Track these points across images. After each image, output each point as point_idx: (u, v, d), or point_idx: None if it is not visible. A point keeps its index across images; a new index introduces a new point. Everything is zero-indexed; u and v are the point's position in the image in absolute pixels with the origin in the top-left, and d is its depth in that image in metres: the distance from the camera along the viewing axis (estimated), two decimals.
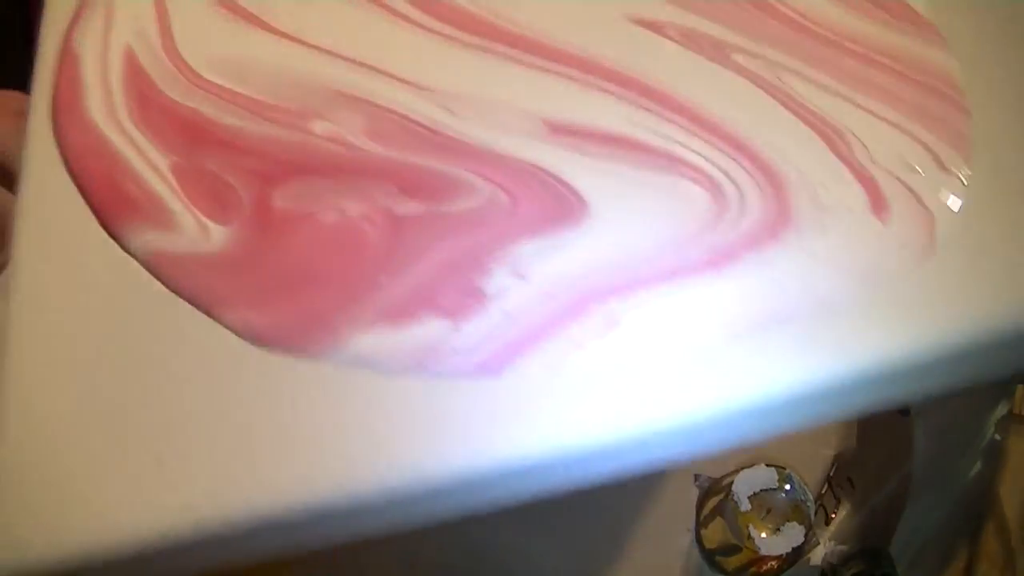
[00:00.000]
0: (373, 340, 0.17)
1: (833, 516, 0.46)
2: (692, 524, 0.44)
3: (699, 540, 0.44)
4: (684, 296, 0.17)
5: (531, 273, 0.18)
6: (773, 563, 0.43)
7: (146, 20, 0.23)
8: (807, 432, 0.45)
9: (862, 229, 0.18)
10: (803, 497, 0.41)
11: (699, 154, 0.20)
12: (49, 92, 0.22)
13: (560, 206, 0.19)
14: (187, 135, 0.21)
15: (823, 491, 0.46)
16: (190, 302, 0.19)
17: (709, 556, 0.44)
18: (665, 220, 0.19)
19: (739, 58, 0.21)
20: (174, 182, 0.20)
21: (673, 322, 0.17)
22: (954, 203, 0.18)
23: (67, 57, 0.23)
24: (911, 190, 0.19)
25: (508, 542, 0.45)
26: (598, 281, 0.18)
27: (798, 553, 0.42)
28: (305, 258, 0.19)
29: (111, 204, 0.20)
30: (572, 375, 0.16)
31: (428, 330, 0.18)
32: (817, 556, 0.45)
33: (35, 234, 0.20)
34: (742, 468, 0.43)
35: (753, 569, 0.43)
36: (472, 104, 0.21)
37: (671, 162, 0.20)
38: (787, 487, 0.41)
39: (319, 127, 0.21)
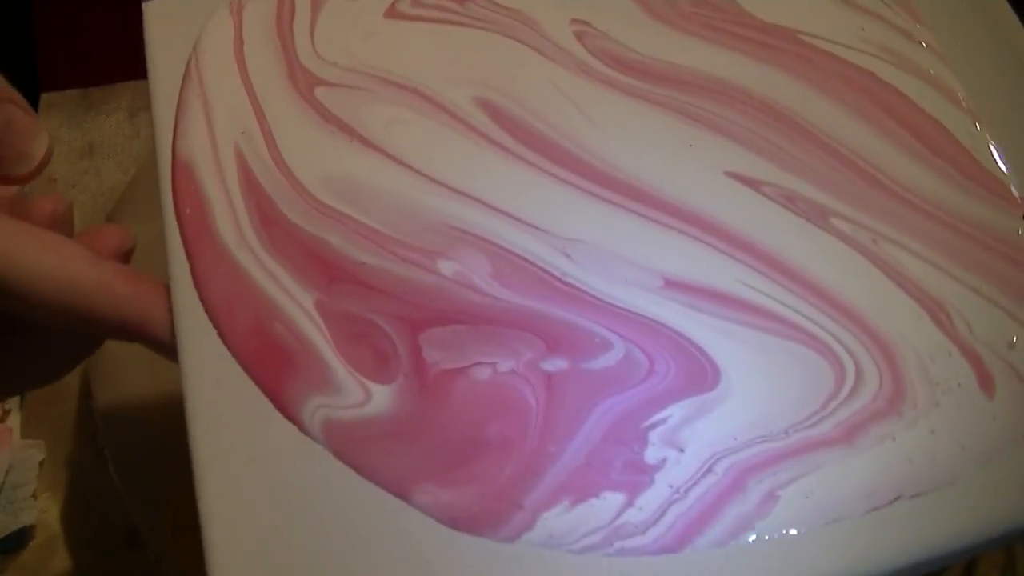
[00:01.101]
0: (558, 518, 0.18)
1: None
2: None
3: None
4: (826, 471, 0.19)
5: (684, 444, 0.19)
6: None
7: (246, 118, 0.23)
8: None
9: (972, 404, 0.19)
10: None
11: (814, 322, 0.20)
12: (172, 210, 0.22)
13: (695, 369, 0.20)
14: (323, 270, 0.21)
15: None
16: (375, 482, 0.19)
17: None
18: (793, 391, 0.20)
19: (839, 224, 0.22)
20: (323, 325, 0.21)
21: (821, 497, 0.18)
22: None
23: (180, 166, 0.22)
24: (1012, 366, 0.20)
25: None
26: (749, 456, 0.19)
27: None
28: (473, 422, 0.19)
29: (270, 362, 0.20)
30: (742, 550, 0.18)
31: (607, 505, 0.19)
32: None
33: (208, 420, 0.21)
34: None
35: None
36: (589, 252, 0.21)
37: (789, 328, 0.20)
38: None
39: (446, 268, 0.21)
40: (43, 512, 0.47)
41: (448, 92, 0.23)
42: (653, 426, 0.19)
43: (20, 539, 0.47)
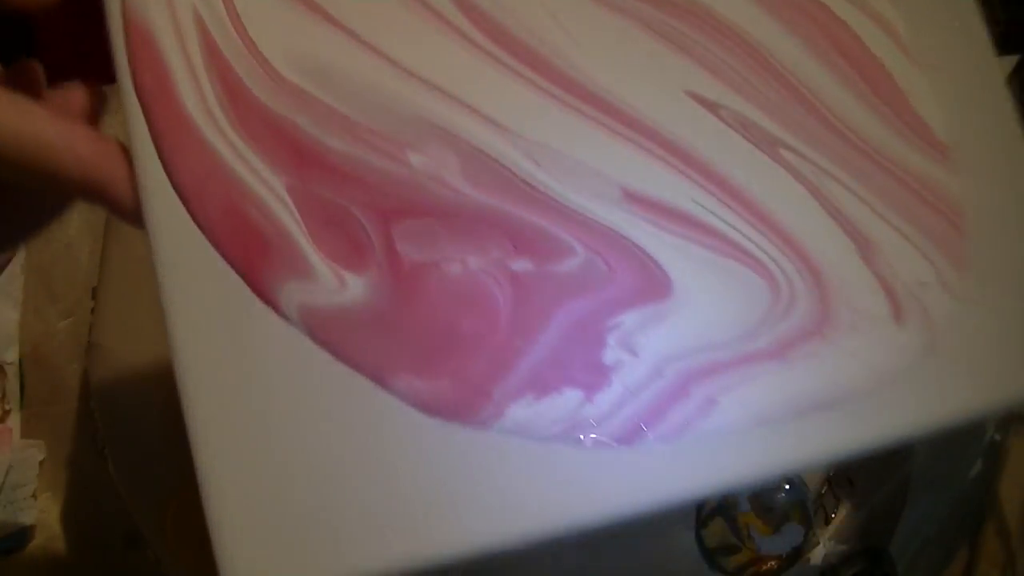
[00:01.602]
0: (524, 410, 0.20)
1: (833, 516, 0.46)
2: (692, 524, 0.44)
3: (699, 540, 0.44)
4: (759, 381, 0.21)
5: (638, 348, 0.21)
6: (773, 563, 0.43)
7: None
8: None
9: (885, 332, 0.22)
10: (803, 497, 0.41)
11: (757, 245, 0.22)
12: (130, 77, 0.21)
13: (649, 279, 0.21)
14: (293, 152, 0.21)
15: (823, 491, 0.46)
16: (352, 367, 0.20)
17: (709, 556, 0.44)
18: (735, 306, 0.22)
19: (787, 155, 0.23)
20: (295, 210, 0.21)
21: (754, 405, 0.21)
22: (951, 313, 0.22)
23: (134, 28, 0.21)
24: (921, 302, 0.22)
25: None
26: (693, 363, 0.21)
27: (798, 553, 0.42)
28: (445, 317, 0.21)
29: (244, 245, 0.20)
30: (683, 445, 0.21)
31: (568, 400, 0.20)
32: (817, 556, 0.45)
33: (183, 303, 0.20)
34: None
35: (753, 569, 0.43)
36: (555, 157, 0.22)
37: (735, 249, 0.22)
38: (787, 487, 0.41)
39: (417, 161, 0.21)
40: (43, 512, 0.47)
41: None
42: (610, 330, 0.21)
43: (20, 539, 0.47)
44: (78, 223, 0.52)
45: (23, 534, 0.47)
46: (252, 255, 0.20)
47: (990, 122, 0.24)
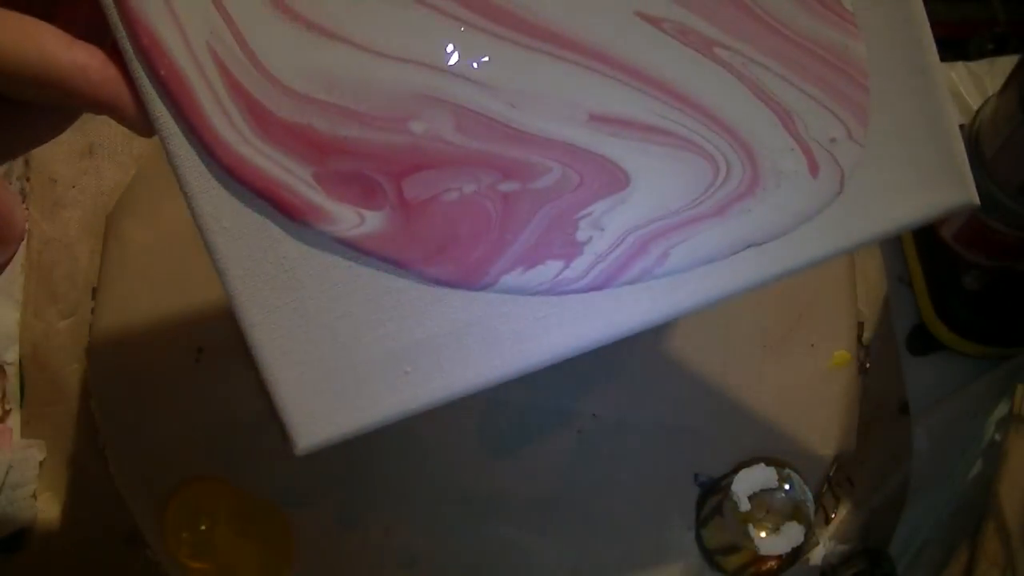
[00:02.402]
0: (515, 278, 0.27)
1: (833, 516, 0.46)
2: (692, 524, 0.44)
3: (699, 540, 0.44)
4: (703, 234, 0.28)
5: (605, 226, 0.28)
6: (773, 563, 0.43)
7: (213, 20, 0.26)
8: (807, 432, 0.45)
9: (804, 185, 0.28)
10: (803, 497, 0.41)
11: (700, 135, 0.28)
12: (172, 118, 0.25)
13: (612, 178, 0.28)
14: (315, 149, 0.26)
15: (823, 491, 0.46)
16: (375, 268, 0.27)
17: (709, 556, 0.44)
18: (683, 184, 0.28)
19: (720, 52, 0.28)
20: (321, 190, 0.26)
21: (699, 251, 0.28)
22: (857, 160, 0.29)
23: (169, 73, 0.25)
24: (831, 154, 0.29)
25: (508, 542, 0.45)
26: (649, 230, 0.28)
27: (798, 553, 0.42)
28: (449, 226, 0.27)
29: (278, 206, 0.26)
30: (647, 285, 0.28)
31: (549, 269, 0.27)
32: (817, 556, 0.45)
33: (236, 263, 0.26)
34: (742, 468, 0.43)
35: (753, 569, 0.43)
36: (529, 99, 0.27)
37: (682, 141, 0.28)
38: (787, 487, 0.41)
39: (417, 127, 0.27)
40: (43, 512, 0.47)
41: None
42: (582, 217, 0.28)
43: (20, 539, 0.47)
44: (78, 223, 0.52)
45: (23, 534, 0.47)
46: (287, 212, 0.27)
47: None
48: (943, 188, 0.29)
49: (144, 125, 0.25)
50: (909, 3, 0.29)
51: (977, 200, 0.29)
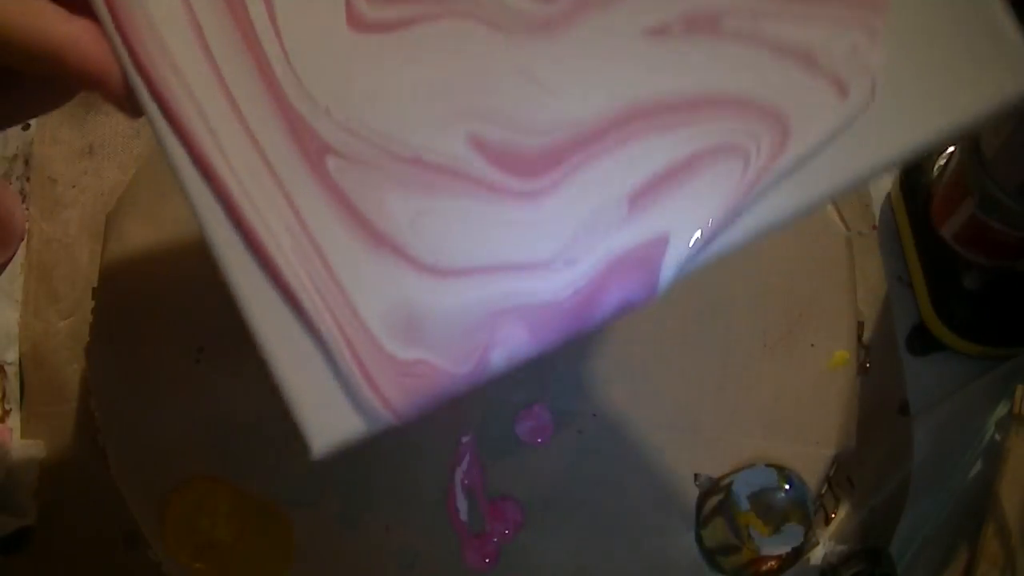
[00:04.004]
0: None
1: (833, 516, 0.46)
2: (692, 524, 0.44)
3: (699, 540, 0.44)
4: (757, 188, 0.27)
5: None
6: (773, 563, 0.43)
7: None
8: (807, 432, 0.45)
9: (835, 111, 0.27)
10: (803, 497, 0.41)
11: (722, 133, 0.27)
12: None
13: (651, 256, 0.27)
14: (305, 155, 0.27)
15: (823, 491, 0.46)
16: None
17: (709, 556, 0.44)
18: (720, 194, 0.27)
19: (728, 23, 0.27)
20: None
21: (762, 198, 0.27)
22: (882, 57, 0.27)
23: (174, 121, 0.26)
24: (861, 66, 0.27)
25: (508, 542, 0.45)
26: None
27: (798, 553, 0.42)
28: None
29: None
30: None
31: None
32: (817, 556, 0.45)
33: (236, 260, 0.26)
34: (742, 468, 0.43)
35: (753, 569, 0.43)
36: (580, 183, 0.27)
37: (708, 156, 0.27)
38: (787, 487, 0.41)
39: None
40: (43, 512, 0.47)
41: (442, 143, 0.27)
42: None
43: (20, 539, 0.47)
44: (78, 223, 0.52)
45: (23, 534, 0.47)
46: None
47: None
48: (990, 74, 0.26)
49: (131, 106, 0.26)
50: None
51: None
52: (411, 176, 0.27)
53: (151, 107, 0.26)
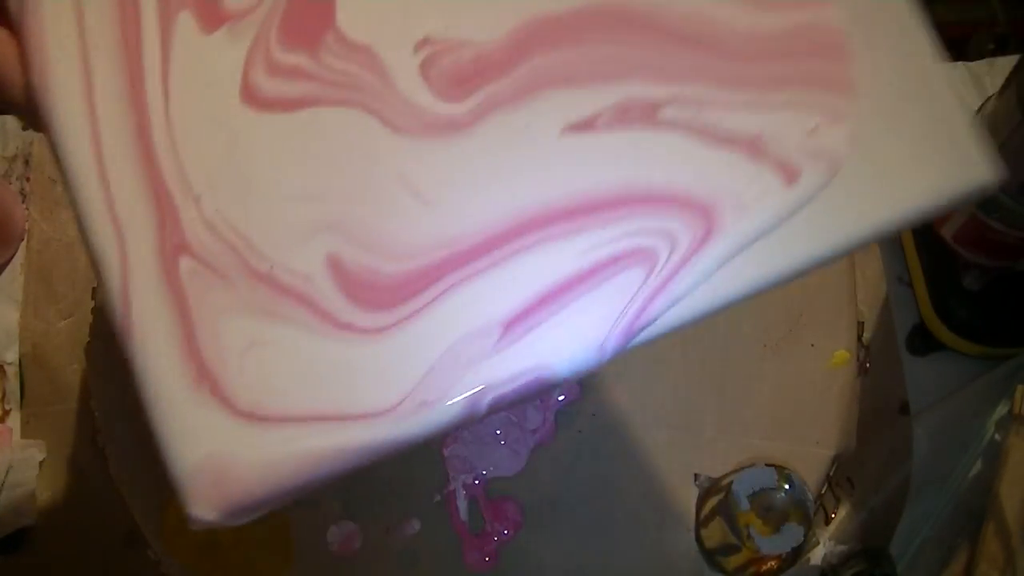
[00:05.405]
0: None
1: (833, 516, 0.46)
2: (692, 524, 0.44)
3: (699, 540, 0.44)
4: (678, 279, 0.24)
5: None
6: (773, 563, 0.43)
7: None
8: (807, 432, 0.45)
9: (777, 200, 0.25)
10: (803, 497, 0.41)
11: (635, 237, 0.25)
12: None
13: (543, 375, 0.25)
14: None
15: (823, 491, 0.46)
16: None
17: (709, 556, 0.44)
18: (610, 306, 0.24)
19: (667, 112, 0.25)
20: None
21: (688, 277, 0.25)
22: (849, 134, 0.25)
23: None
24: (817, 149, 0.25)
25: (508, 541, 0.45)
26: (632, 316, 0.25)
27: (798, 553, 0.42)
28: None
29: None
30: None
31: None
32: (817, 556, 0.45)
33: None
34: (742, 468, 0.43)
35: (753, 569, 0.43)
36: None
37: (607, 268, 0.24)
38: (787, 487, 0.41)
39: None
40: (43, 512, 0.47)
41: (299, 259, 0.25)
42: None
43: (20, 539, 0.47)
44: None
45: (23, 534, 0.47)
46: None
47: None
48: (946, 168, 0.25)
49: (29, 116, 0.25)
50: None
51: (992, 178, 0.25)
52: (257, 297, 0.25)
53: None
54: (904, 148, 0.25)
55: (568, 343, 0.24)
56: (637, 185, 0.25)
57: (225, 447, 0.24)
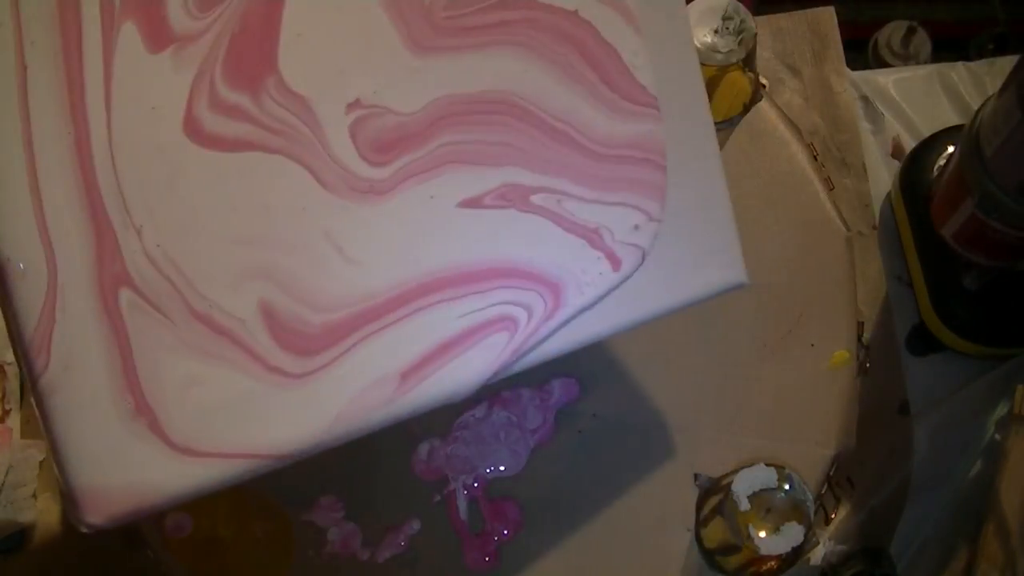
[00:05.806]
0: None
1: (833, 516, 0.46)
2: (692, 524, 0.44)
3: (699, 540, 0.44)
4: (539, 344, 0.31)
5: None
6: (773, 563, 0.43)
7: None
8: (807, 432, 0.45)
9: (605, 283, 0.30)
10: (803, 497, 0.41)
11: (501, 305, 0.29)
12: None
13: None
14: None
15: (823, 491, 0.46)
16: None
17: (709, 556, 0.44)
18: (483, 364, 0.29)
19: (537, 199, 0.30)
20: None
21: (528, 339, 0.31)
22: (655, 237, 0.31)
23: None
24: (634, 242, 0.30)
25: (508, 541, 0.45)
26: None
27: (798, 553, 0.42)
28: None
29: None
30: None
31: None
32: (817, 556, 0.45)
33: None
34: (742, 468, 0.43)
35: (753, 569, 0.43)
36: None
37: (479, 330, 0.29)
38: (787, 487, 0.41)
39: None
40: (43, 512, 0.47)
41: (234, 302, 0.26)
42: None
43: (20, 539, 0.47)
44: None
45: (23, 534, 0.47)
46: None
47: (677, 70, 0.31)
48: (713, 268, 0.31)
49: None
50: (691, 81, 0.31)
51: (746, 279, 0.32)
52: (196, 336, 0.26)
53: None
54: (686, 250, 0.31)
55: (450, 388, 0.28)
56: (511, 261, 0.30)
57: (150, 477, 0.25)
